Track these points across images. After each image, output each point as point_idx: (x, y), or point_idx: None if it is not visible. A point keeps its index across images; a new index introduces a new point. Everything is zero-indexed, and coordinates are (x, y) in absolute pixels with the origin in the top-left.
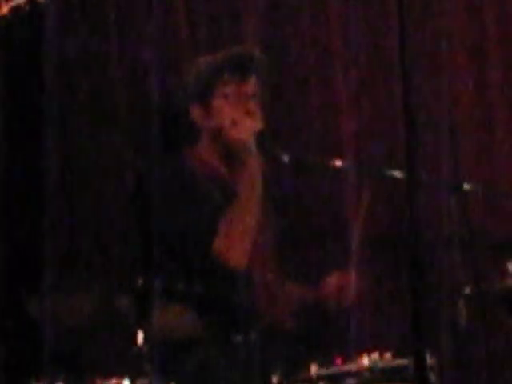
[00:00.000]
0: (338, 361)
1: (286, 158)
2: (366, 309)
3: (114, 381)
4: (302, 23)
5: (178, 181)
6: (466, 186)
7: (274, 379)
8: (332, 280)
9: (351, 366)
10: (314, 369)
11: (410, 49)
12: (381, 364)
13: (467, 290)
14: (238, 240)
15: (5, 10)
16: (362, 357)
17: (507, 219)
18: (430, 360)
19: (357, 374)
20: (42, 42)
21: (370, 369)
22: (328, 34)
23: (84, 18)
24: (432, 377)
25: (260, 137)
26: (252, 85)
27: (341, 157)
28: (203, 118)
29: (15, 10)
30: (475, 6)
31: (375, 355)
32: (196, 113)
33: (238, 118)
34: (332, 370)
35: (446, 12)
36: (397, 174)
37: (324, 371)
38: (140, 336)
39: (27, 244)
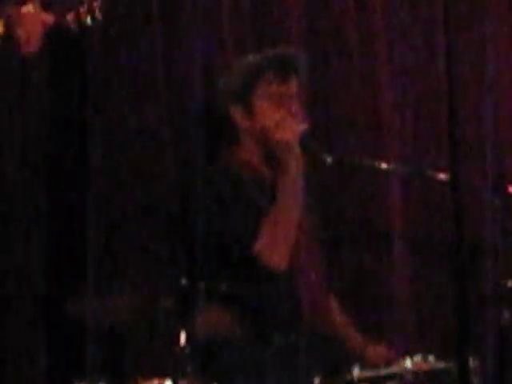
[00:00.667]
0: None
1: (329, 159)
2: (409, 311)
3: (156, 381)
4: (346, 24)
5: (222, 181)
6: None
7: (316, 381)
8: (372, 354)
9: (393, 369)
10: (356, 371)
11: (455, 53)
12: (424, 367)
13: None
14: (279, 241)
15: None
16: (404, 359)
17: None
18: (473, 363)
19: (399, 376)
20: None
21: (413, 372)
22: (372, 36)
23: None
24: (475, 380)
25: (304, 138)
26: (294, 85)
27: (385, 158)
28: (245, 119)
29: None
30: None
31: (418, 358)
32: (237, 114)
33: (282, 119)
34: (374, 372)
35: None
36: (441, 176)
37: (366, 373)
38: (183, 336)
39: (69, 245)
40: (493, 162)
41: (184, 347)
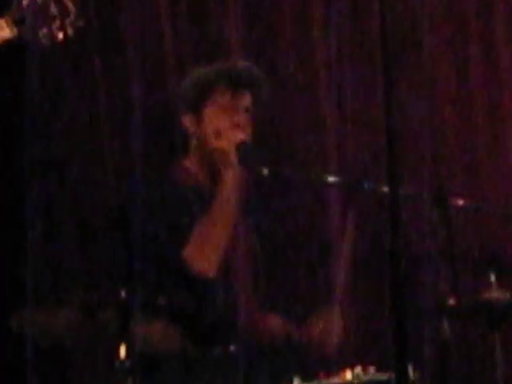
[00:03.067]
0: (322, 375)
1: (265, 171)
2: (349, 323)
3: None
4: (289, 40)
5: (160, 190)
6: (449, 200)
7: None
8: (317, 324)
9: (334, 380)
10: (296, 383)
11: (392, 63)
12: (364, 378)
13: (450, 303)
14: (207, 248)
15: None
16: (345, 371)
17: (490, 232)
18: (413, 374)
19: None
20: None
21: (353, 383)
22: (312, 52)
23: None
24: None
25: (241, 148)
26: (246, 99)
27: (324, 171)
28: (194, 127)
29: None
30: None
31: (358, 369)
32: (188, 122)
33: (224, 128)
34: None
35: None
36: (379, 187)
37: None
38: (122, 350)
39: (10, 258)
40: (431, 175)
41: (124, 361)
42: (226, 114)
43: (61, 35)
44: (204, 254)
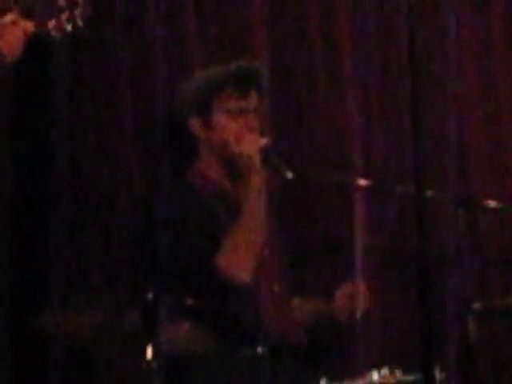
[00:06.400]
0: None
1: (289, 174)
2: (375, 324)
3: None
4: (310, 37)
5: (184, 195)
6: (474, 201)
7: None
8: (343, 292)
9: (360, 382)
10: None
11: (418, 65)
12: (391, 380)
13: (476, 305)
14: (242, 256)
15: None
16: (371, 372)
17: None
18: (439, 375)
19: None
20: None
21: None
22: (337, 51)
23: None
24: None
25: (265, 152)
26: (253, 100)
27: (348, 172)
28: (203, 132)
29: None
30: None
31: (385, 371)
32: (196, 125)
33: (242, 133)
34: None
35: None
36: (406, 189)
37: None
38: (149, 351)
39: (34, 259)
40: (457, 175)
41: (151, 362)
42: (238, 118)
43: (69, 27)
44: (240, 261)
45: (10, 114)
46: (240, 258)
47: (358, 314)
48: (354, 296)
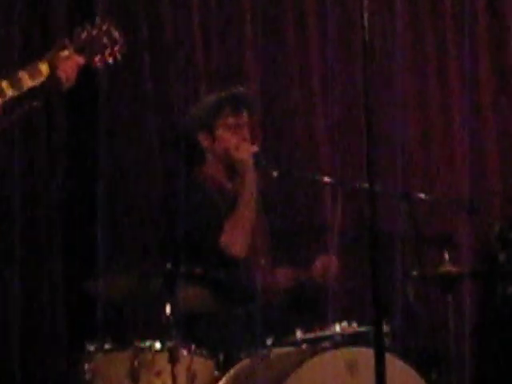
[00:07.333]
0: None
1: (275, 173)
2: (339, 288)
3: (148, 342)
4: (291, 68)
5: (192, 191)
6: (413, 195)
7: (268, 341)
8: (319, 263)
9: (326, 332)
10: (298, 334)
11: (372, 85)
12: (349, 330)
13: (414, 273)
14: (239, 236)
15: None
16: (334, 325)
17: (443, 219)
18: (386, 327)
19: (330, 337)
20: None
21: (341, 334)
22: (310, 87)
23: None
24: (387, 341)
25: (256, 157)
26: (245, 117)
27: (319, 172)
28: (210, 144)
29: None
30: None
31: (345, 323)
32: (203, 138)
33: (238, 143)
34: (312, 334)
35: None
36: (362, 185)
37: (306, 336)
38: (168, 308)
39: (83, 238)
40: (401, 174)
41: (169, 317)
42: (235, 132)
43: (111, 60)
44: (237, 240)
45: (64, 128)
46: (237, 238)
47: (331, 278)
48: (328, 265)
